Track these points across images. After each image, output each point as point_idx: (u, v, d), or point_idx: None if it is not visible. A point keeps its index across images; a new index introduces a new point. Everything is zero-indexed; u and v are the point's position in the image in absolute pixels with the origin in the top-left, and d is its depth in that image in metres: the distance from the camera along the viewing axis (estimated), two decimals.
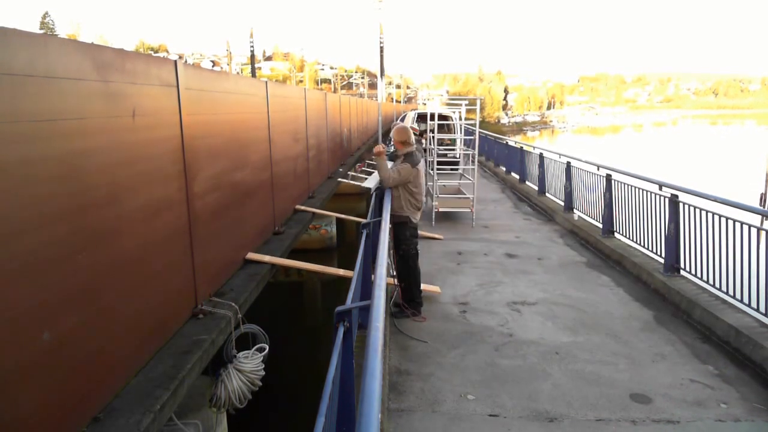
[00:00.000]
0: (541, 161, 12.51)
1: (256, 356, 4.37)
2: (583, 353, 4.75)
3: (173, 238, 3.87)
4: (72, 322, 2.64)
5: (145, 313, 3.39)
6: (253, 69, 29.52)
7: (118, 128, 3.17)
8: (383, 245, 3.64)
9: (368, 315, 2.37)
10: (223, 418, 4.24)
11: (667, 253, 6.48)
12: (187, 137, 4.02)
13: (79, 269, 2.72)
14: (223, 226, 4.85)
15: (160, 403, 2.95)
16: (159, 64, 3.75)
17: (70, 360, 2.62)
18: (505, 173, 16.79)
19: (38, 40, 2.55)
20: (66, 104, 2.70)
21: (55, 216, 2.57)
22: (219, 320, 4.08)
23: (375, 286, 2.65)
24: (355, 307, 2.82)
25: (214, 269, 4.62)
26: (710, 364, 4.56)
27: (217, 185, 4.75)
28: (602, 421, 3.75)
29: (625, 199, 7.90)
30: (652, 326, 5.35)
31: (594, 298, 6.16)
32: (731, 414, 3.82)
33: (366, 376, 1.75)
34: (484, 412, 3.86)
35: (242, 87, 5.87)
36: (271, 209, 6.66)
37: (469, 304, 5.92)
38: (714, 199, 5.70)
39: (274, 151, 6.76)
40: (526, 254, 7.92)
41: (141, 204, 3.39)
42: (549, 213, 10.99)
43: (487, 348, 4.86)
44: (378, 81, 18.16)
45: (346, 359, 2.55)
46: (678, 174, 23.53)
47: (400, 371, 4.41)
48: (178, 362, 3.40)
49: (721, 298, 5.47)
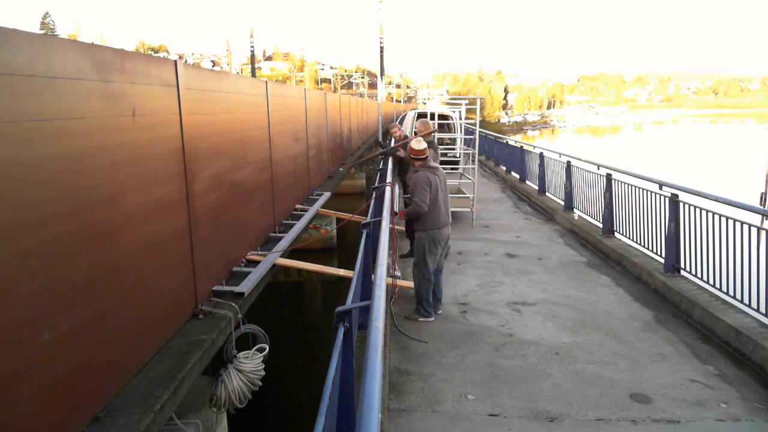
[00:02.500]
0: (542, 161, 12.51)
1: (256, 356, 4.37)
2: (583, 353, 4.75)
3: (173, 238, 3.87)
4: (72, 322, 2.64)
5: (145, 313, 3.39)
6: (253, 69, 29.52)
7: (118, 128, 3.17)
8: (383, 245, 3.64)
9: (368, 315, 2.37)
10: (223, 417, 4.24)
11: (667, 252, 6.47)
12: (187, 137, 4.02)
13: (79, 269, 2.72)
14: (223, 225, 4.85)
15: (160, 403, 2.95)
16: (159, 64, 3.75)
17: (70, 360, 2.62)
18: (506, 173, 16.79)
19: (38, 40, 2.55)
20: (66, 104, 2.70)
21: (55, 216, 2.57)
22: (219, 320, 4.08)
23: (375, 286, 2.65)
24: (355, 307, 2.82)
25: (215, 269, 4.62)
26: (710, 364, 4.56)
27: (217, 185, 4.74)
28: (602, 420, 3.75)
29: (625, 199, 7.90)
30: (652, 326, 5.35)
31: (594, 298, 6.15)
32: (731, 414, 3.82)
33: (366, 376, 1.75)
34: (485, 412, 3.86)
35: (242, 87, 5.87)
36: (271, 209, 6.66)
37: (470, 305, 5.92)
38: (714, 198, 5.70)
39: (274, 151, 6.76)
40: (527, 254, 7.92)
41: (141, 204, 3.39)
42: (549, 212, 10.99)
43: (487, 348, 4.86)
44: (378, 81, 18.15)
45: (346, 359, 2.55)
46: (678, 173, 23.53)
47: (401, 371, 4.41)
48: (178, 362, 3.40)
49: (721, 298, 5.47)
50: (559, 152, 11.57)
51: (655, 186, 6.90)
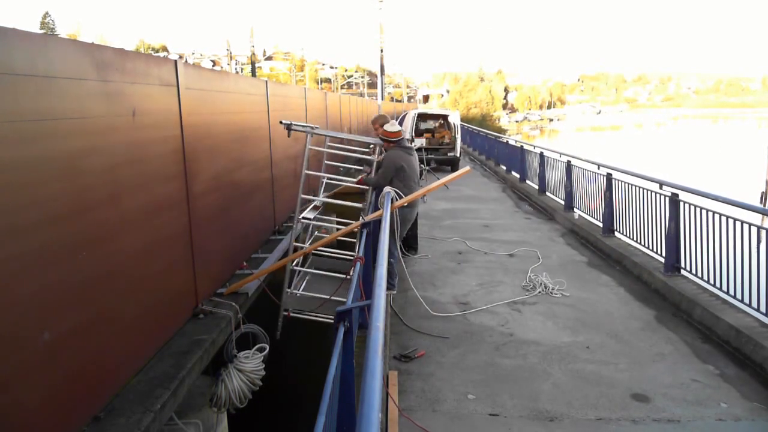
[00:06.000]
0: (542, 160, 12.50)
1: (257, 356, 4.36)
2: (584, 353, 4.75)
3: (174, 237, 3.87)
4: (72, 322, 2.64)
5: (146, 312, 3.39)
6: (253, 69, 29.57)
7: (118, 128, 3.17)
8: (383, 245, 3.63)
9: (368, 315, 2.37)
10: (223, 417, 4.24)
11: (667, 252, 6.47)
12: (187, 137, 4.02)
13: (79, 269, 2.72)
14: (223, 225, 4.85)
15: (160, 403, 2.95)
16: (159, 64, 3.74)
17: (71, 359, 2.63)
18: (506, 172, 16.78)
19: (38, 40, 2.56)
20: (66, 104, 2.70)
21: (55, 216, 2.57)
22: (219, 320, 4.08)
23: (375, 285, 2.65)
24: (355, 307, 2.82)
25: (215, 269, 4.62)
26: (711, 363, 4.56)
27: (217, 185, 4.74)
28: (602, 420, 3.75)
29: (625, 198, 7.90)
30: (652, 326, 5.35)
31: (594, 297, 6.15)
32: (732, 413, 3.82)
33: (366, 376, 1.75)
34: (485, 411, 3.86)
35: (242, 86, 5.87)
36: (271, 209, 6.66)
37: (470, 304, 5.92)
38: (715, 198, 5.69)
39: (275, 151, 6.75)
40: (527, 254, 7.91)
41: (141, 204, 3.39)
42: (549, 212, 10.99)
43: (487, 347, 4.86)
44: (378, 81, 18.16)
45: (346, 359, 2.55)
46: (679, 173, 23.52)
47: (401, 371, 4.41)
48: (179, 362, 3.40)
49: (721, 298, 5.46)
50: (560, 152, 11.57)
51: (655, 185, 6.90)
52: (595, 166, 9.26)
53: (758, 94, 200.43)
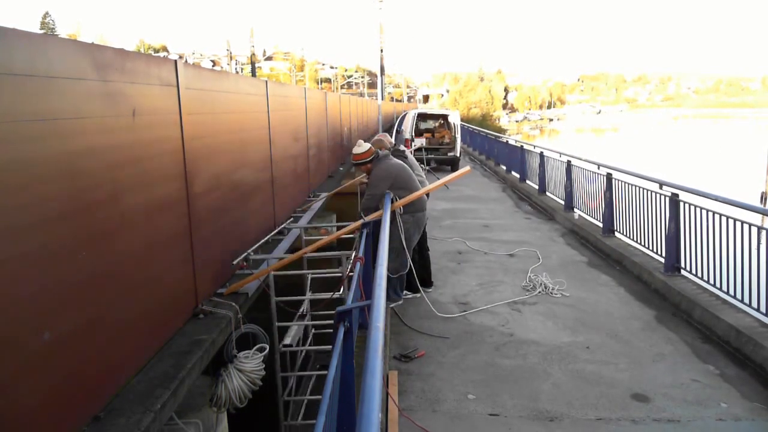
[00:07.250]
0: (542, 160, 12.50)
1: (257, 356, 4.36)
2: (584, 353, 4.75)
3: (174, 237, 3.87)
4: (72, 322, 2.64)
5: (146, 312, 3.39)
6: (253, 69, 29.56)
7: (118, 128, 3.17)
8: (383, 245, 3.63)
9: (368, 315, 2.37)
10: (223, 417, 4.24)
11: (667, 252, 6.47)
12: (187, 137, 4.02)
13: (79, 269, 2.72)
14: (223, 225, 4.85)
15: (160, 403, 2.95)
16: (159, 64, 3.74)
17: (71, 359, 2.62)
18: (506, 172, 16.79)
19: (38, 40, 2.55)
20: (66, 104, 2.70)
21: (55, 216, 2.57)
22: (219, 320, 4.08)
23: (375, 285, 2.65)
24: (356, 307, 2.82)
25: (215, 269, 4.62)
26: (711, 363, 4.56)
27: (217, 185, 4.74)
28: (602, 420, 3.75)
29: (625, 198, 7.90)
30: (652, 326, 5.35)
31: (594, 297, 6.15)
32: (732, 413, 3.82)
33: (366, 376, 1.75)
34: (485, 411, 3.86)
35: (242, 86, 5.87)
36: (271, 209, 6.66)
37: (470, 304, 5.92)
38: (715, 198, 5.69)
39: (275, 151, 6.75)
40: (527, 254, 7.92)
41: (141, 204, 3.39)
42: (549, 212, 10.99)
43: (487, 348, 4.86)
44: (378, 81, 18.16)
45: (346, 359, 2.55)
46: (679, 172, 23.52)
47: (401, 371, 4.41)
48: (179, 362, 3.40)
49: (721, 298, 5.47)
50: (560, 152, 11.57)
51: (655, 185, 6.90)
52: (595, 166, 9.26)
53: (758, 94, 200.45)
